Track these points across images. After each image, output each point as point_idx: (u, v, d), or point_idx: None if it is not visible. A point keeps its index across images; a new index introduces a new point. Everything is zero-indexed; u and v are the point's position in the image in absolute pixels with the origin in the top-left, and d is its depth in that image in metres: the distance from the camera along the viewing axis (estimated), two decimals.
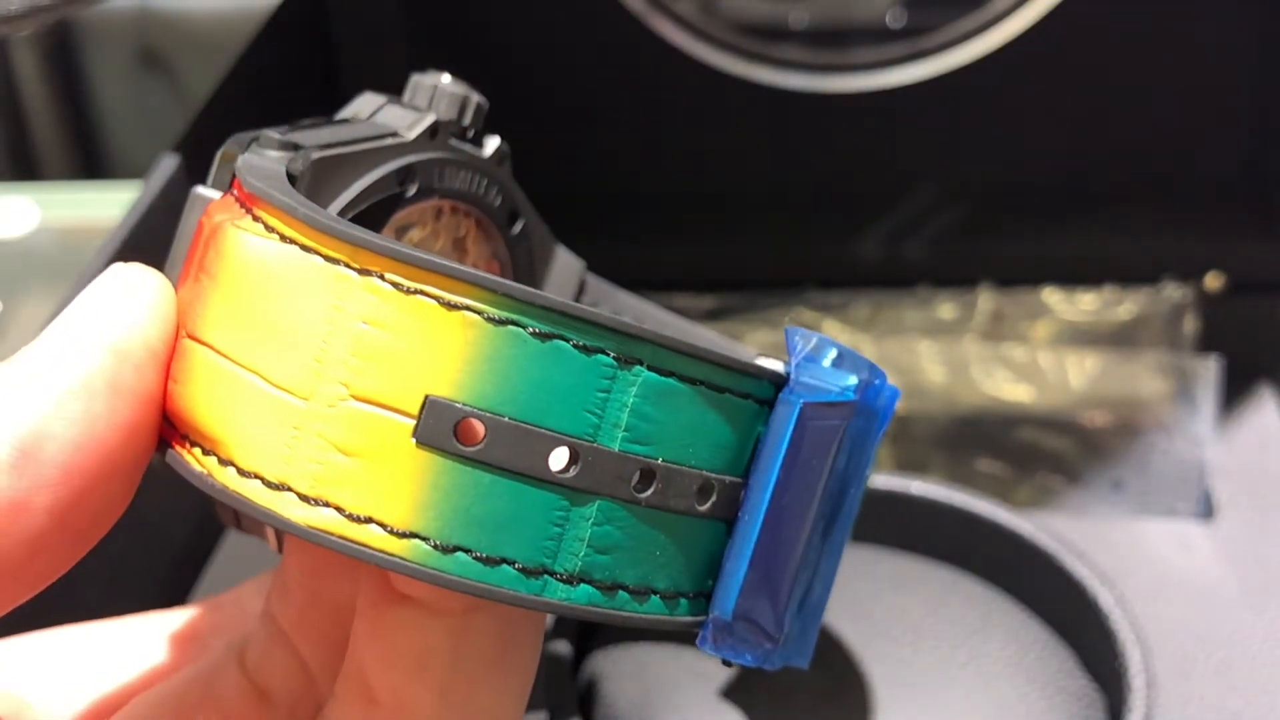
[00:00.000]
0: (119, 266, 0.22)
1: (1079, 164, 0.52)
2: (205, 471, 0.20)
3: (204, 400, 0.20)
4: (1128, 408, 0.47)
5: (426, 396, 0.18)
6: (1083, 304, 0.50)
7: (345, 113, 0.27)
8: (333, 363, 0.19)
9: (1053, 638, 0.40)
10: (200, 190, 0.23)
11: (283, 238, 0.19)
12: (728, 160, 0.54)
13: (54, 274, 0.66)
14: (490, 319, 0.18)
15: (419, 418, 0.18)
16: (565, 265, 0.31)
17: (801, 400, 0.21)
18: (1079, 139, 0.52)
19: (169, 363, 0.21)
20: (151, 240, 0.39)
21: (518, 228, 0.29)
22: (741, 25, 0.53)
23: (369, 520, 0.19)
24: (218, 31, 0.84)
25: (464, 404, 0.18)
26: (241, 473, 0.19)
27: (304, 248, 0.19)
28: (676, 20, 0.51)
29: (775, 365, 0.22)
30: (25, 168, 0.89)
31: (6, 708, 0.25)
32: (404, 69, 0.52)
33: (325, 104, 0.52)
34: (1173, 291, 0.50)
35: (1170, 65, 0.51)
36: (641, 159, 0.54)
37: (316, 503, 0.19)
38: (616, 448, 0.19)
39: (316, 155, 0.23)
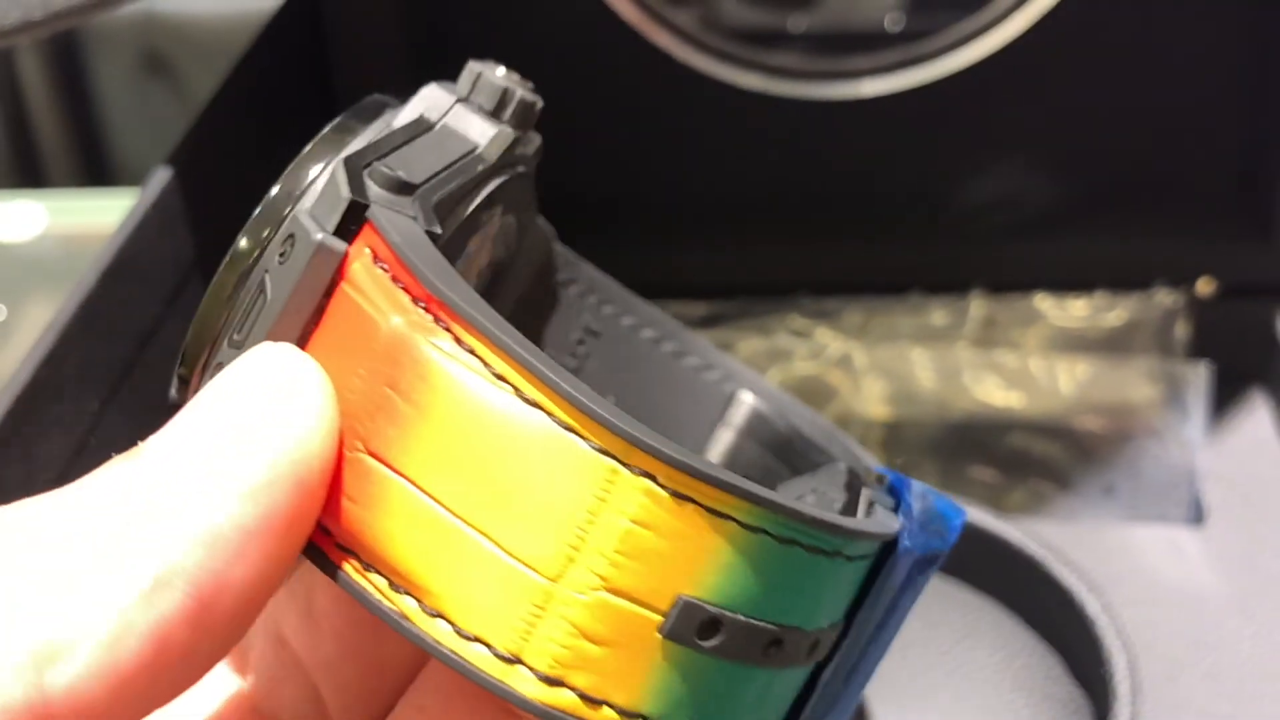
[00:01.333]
0: (275, 357, 0.20)
1: (1071, 170, 0.52)
2: (399, 611, 0.19)
3: (404, 540, 0.19)
4: (1119, 414, 0.48)
5: (679, 596, 0.19)
6: (1074, 310, 0.50)
7: (414, 109, 0.25)
8: (591, 552, 0.19)
9: (1040, 644, 0.40)
10: (324, 239, 0.20)
11: (524, 397, 0.19)
12: (721, 167, 0.54)
13: (58, 279, 0.67)
14: (745, 526, 0.19)
15: (668, 615, 0.19)
16: (541, 233, 0.31)
17: (915, 555, 0.23)
18: (1070, 145, 0.52)
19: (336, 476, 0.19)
20: (146, 252, 0.39)
21: (531, 213, 0.30)
22: (739, 31, 0.53)
23: (604, 702, 0.19)
24: (222, 36, 0.84)
25: (711, 604, 0.19)
26: (461, 633, 0.19)
27: (560, 422, 0.19)
28: (672, 29, 0.52)
29: (896, 525, 0.23)
30: (30, 173, 0.89)
31: None
32: (399, 77, 0.52)
33: (320, 111, 0.52)
34: (1164, 297, 0.50)
35: (1163, 70, 0.51)
36: (635, 167, 0.54)
37: (554, 682, 0.19)
38: (809, 628, 0.21)
39: (433, 199, 0.22)
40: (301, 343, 0.20)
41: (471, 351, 0.19)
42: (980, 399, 0.49)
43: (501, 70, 0.26)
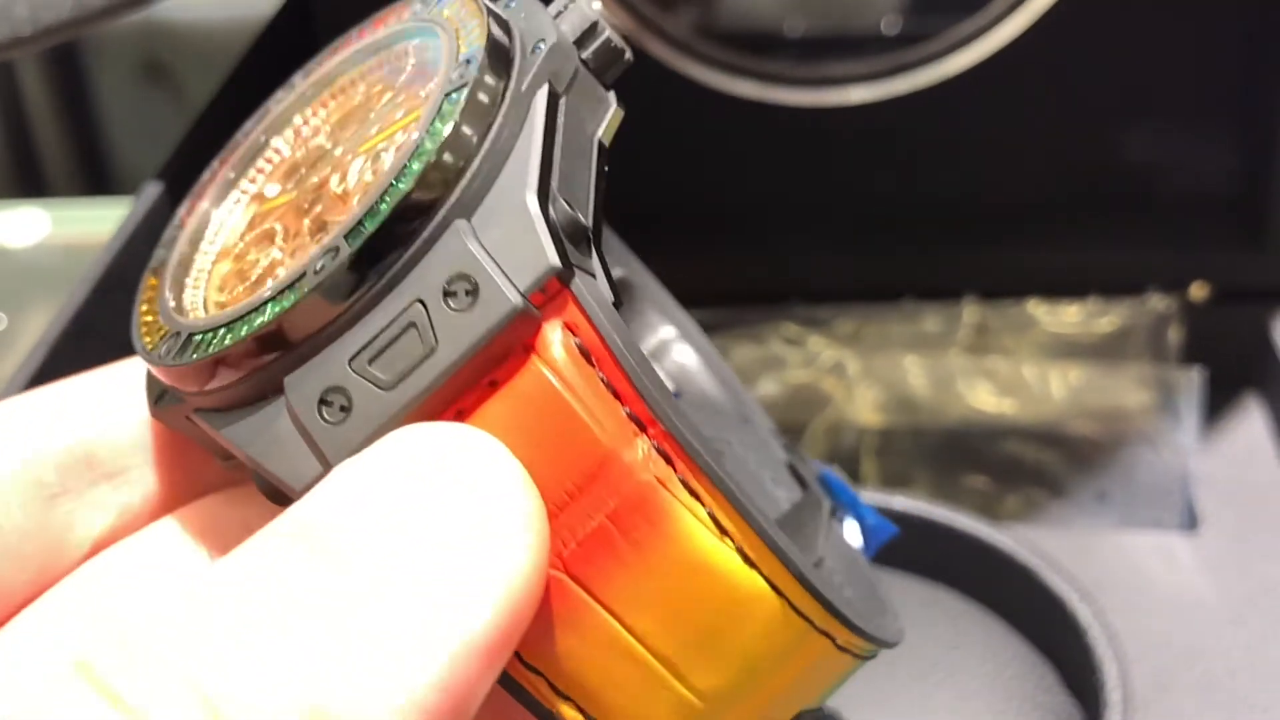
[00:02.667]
0: (484, 455, 0.18)
1: (1064, 175, 0.52)
2: (559, 714, 0.19)
3: (585, 658, 0.19)
4: (1112, 420, 0.48)
5: (801, 710, 0.21)
6: (1067, 316, 0.50)
7: (544, 69, 0.21)
8: (760, 690, 0.20)
9: (1032, 653, 0.40)
10: (526, 308, 0.19)
11: (746, 557, 0.19)
12: (714, 176, 0.54)
13: (60, 288, 0.67)
14: (863, 658, 0.21)
15: None
16: None
17: None
18: (1064, 150, 0.52)
19: None
20: (138, 266, 0.39)
21: None
22: (735, 36, 0.53)
23: None
24: (222, 42, 0.84)
25: (811, 711, 0.21)
26: None
27: (773, 584, 0.19)
28: (666, 39, 0.52)
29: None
30: (31, 181, 0.89)
31: (77, 457, 0.23)
32: None
33: None
34: (1157, 302, 0.50)
35: (1156, 76, 0.51)
36: (628, 176, 0.54)
37: None
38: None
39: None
40: (466, 406, 0.19)
41: (697, 496, 0.19)
42: (973, 405, 0.49)
43: (598, 3, 0.24)
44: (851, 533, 0.27)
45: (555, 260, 0.19)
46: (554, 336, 0.19)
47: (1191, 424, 0.47)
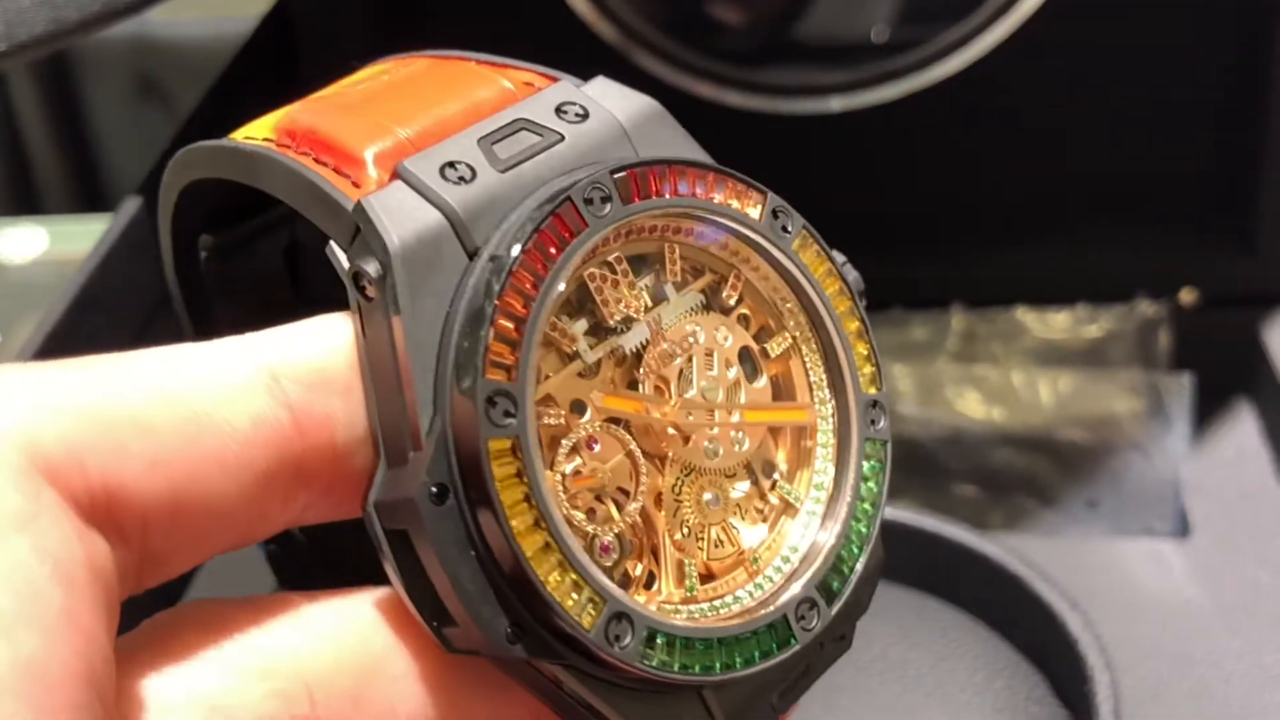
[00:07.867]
0: None
1: (1053, 182, 0.52)
2: None
3: None
4: (1102, 427, 0.47)
5: None
6: (1056, 323, 0.50)
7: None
8: None
9: (1023, 662, 0.40)
10: None
11: None
12: None
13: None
14: None
15: None
16: None
17: None
18: (1052, 156, 0.52)
19: None
20: (114, 285, 0.39)
21: None
22: (726, 47, 0.53)
23: None
24: (213, 56, 0.84)
25: None
26: None
27: None
28: (653, 50, 0.51)
29: None
30: (26, 199, 0.89)
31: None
32: None
33: None
34: (1146, 308, 0.49)
35: (1145, 83, 0.51)
36: None
37: None
38: None
39: None
40: None
41: None
42: (962, 413, 0.48)
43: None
44: None
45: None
46: None
47: (1182, 430, 0.46)
